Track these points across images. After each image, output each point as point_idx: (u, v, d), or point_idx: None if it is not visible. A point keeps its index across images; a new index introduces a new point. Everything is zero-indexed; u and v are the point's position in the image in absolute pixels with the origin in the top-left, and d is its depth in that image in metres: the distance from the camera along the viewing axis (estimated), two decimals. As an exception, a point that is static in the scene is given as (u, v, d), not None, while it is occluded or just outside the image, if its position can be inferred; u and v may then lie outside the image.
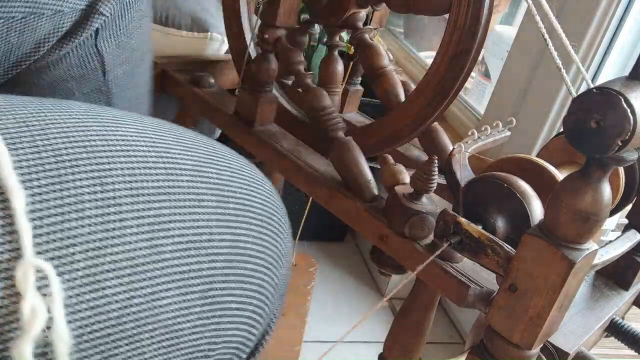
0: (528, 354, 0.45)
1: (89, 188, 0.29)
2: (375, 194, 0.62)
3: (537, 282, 0.42)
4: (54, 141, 0.29)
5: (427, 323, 0.62)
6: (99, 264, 0.28)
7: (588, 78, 0.59)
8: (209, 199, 0.34)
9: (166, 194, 0.32)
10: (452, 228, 0.47)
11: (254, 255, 0.36)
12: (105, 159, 0.30)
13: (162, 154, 0.34)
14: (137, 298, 0.29)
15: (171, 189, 0.32)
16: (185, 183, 0.33)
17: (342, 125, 0.65)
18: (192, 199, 0.33)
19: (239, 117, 0.75)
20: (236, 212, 0.36)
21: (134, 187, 0.31)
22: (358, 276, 1.49)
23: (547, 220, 0.41)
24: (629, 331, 0.57)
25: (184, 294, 0.32)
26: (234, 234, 0.35)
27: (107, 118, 0.34)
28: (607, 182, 0.40)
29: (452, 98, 0.62)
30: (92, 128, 0.32)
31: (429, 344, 0.65)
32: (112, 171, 0.30)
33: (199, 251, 0.33)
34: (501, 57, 1.27)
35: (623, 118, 0.35)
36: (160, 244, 0.31)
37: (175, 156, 0.34)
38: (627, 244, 0.56)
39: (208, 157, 0.37)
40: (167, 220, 0.31)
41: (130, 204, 0.30)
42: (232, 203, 0.36)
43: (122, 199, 0.30)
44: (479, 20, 0.58)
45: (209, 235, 0.33)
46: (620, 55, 1.02)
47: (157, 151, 0.34)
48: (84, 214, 0.28)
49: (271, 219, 0.39)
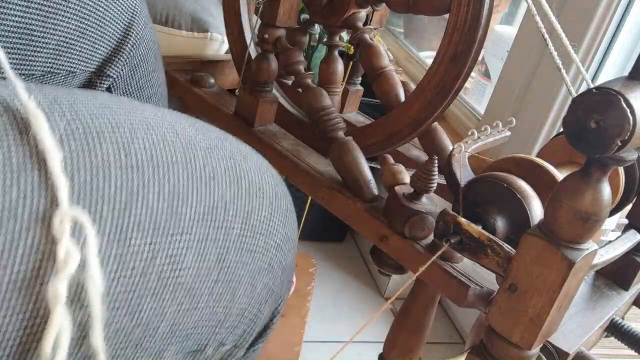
0: (528, 354, 0.45)
1: (115, 155, 0.32)
2: (375, 194, 0.62)
3: (537, 282, 0.42)
4: (81, 115, 0.32)
5: (427, 323, 0.62)
6: (124, 222, 0.30)
7: (588, 78, 0.59)
8: (223, 176, 0.37)
9: (184, 166, 0.35)
10: (452, 228, 0.47)
11: (264, 234, 0.39)
12: (128, 132, 0.33)
13: (179, 133, 0.36)
14: (160, 258, 0.32)
15: (188, 164, 0.35)
16: (201, 159, 0.36)
17: (342, 125, 0.65)
18: (207, 174, 0.36)
19: (239, 117, 0.75)
20: (249, 191, 0.38)
21: (154, 157, 0.33)
22: (358, 276, 1.49)
23: (547, 220, 0.41)
24: (629, 331, 0.57)
25: (201, 259, 0.34)
26: (246, 211, 0.37)
27: (128, 103, 0.38)
28: (607, 182, 0.40)
29: (452, 98, 0.62)
30: (115, 108, 0.35)
31: (429, 344, 0.65)
32: (134, 142, 0.33)
33: (214, 222, 0.35)
34: (501, 57, 1.27)
35: (622, 118, 0.35)
36: (180, 211, 0.33)
37: (191, 136, 0.37)
38: (627, 244, 0.56)
39: (220, 140, 0.40)
40: (185, 189, 0.34)
41: (152, 171, 0.33)
42: (244, 182, 0.38)
43: (144, 166, 0.33)
44: (479, 21, 0.58)
45: (224, 208, 0.36)
46: (620, 55, 1.02)
47: (174, 130, 0.36)
48: (111, 176, 0.31)
49: (280, 202, 0.41)
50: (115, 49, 0.54)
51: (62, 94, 0.34)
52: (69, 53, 0.50)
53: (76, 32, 0.50)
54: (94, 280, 0.28)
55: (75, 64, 0.51)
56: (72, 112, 0.32)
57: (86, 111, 0.33)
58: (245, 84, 0.76)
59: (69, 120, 0.32)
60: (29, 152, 0.29)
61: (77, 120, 0.32)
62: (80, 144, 0.31)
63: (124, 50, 0.54)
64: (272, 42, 0.71)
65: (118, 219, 0.30)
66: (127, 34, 0.54)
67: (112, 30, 0.53)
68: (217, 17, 1.00)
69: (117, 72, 0.54)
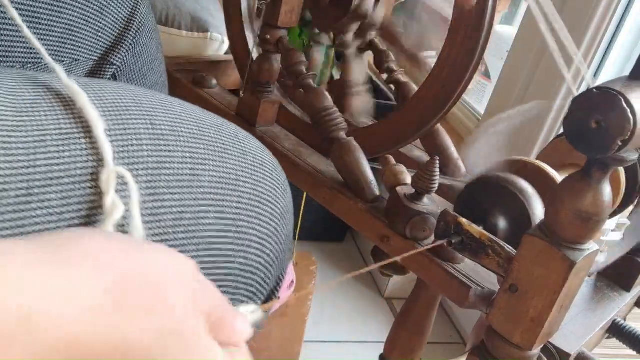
0: (529, 355, 0.45)
1: (143, 126, 0.36)
2: (377, 194, 0.62)
3: (538, 283, 0.42)
4: (110, 96, 0.37)
5: (429, 323, 0.62)
6: (156, 181, 0.35)
7: (589, 77, 0.59)
8: (232, 150, 0.42)
9: (200, 139, 0.39)
10: (453, 228, 0.47)
11: (269, 203, 0.43)
12: (150, 109, 0.38)
13: (190, 113, 0.41)
14: (187, 214, 0.36)
15: (202, 137, 0.40)
16: (213, 135, 0.41)
17: (344, 125, 0.65)
18: (219, 147, 0.41)
19: (241, 117, 0.75)
20: (254, 164, 0.43)
21: (174, 129, 0.38)
22: (358, 276, 1.48)
23: (548, 221, 0.41)
24: (631, 332, 0.57)
25: (220, 217, 0.39)
26: (254, 180, 0.42)
27: (144, 90, 0.42)
28: (607, 183, 0.40)
29: (455, 100, 0.62)
30: (135, 91, 0.40)
31: (429, 344, 0.65)
32: (157, 117, 0.38)
33: (229, 187, 0.40)
34: (501, 57, 1.27)
35: (623, 118, 0.35)
36: (200, 174, 0.38)
37: (201, 116, 0.42)
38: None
39: (224, 121, 0.45)
40: (203, 157, 0.39)
41: (174, 141, 0.38)
42: (250, 156, 0.43)
43: (167, 136, 0.37)
44: (482, 22, 0.58)
45: (236, 177, 0.40)
46: (620, 55, 1.02)
47: (186, 111, 0.41)
48: (142, 142, 0.36)
49: (280, 176, 0.46)
50: (118, 37, 0.56)
51: (88, 81, 0.39)
52: (73, 40, 0.52)
53: (80, 20, 0.52)
54: (137, 228, 0.32)
55: (79, 52, 0.53)
56: (103, 92, 0.37)
57: (113, 92, 0.38)
58: (247, 85, 0.77)
59: (101, 98, 0.36)
60: (75, 122, 0.34)
61: (107, 98, 0.37)
62: (113, 117, 0.35)
63: (127, 38, 0.57)
64: (274, 42, 0.71)
65: (151, 179, 0.35)
66: (130, 22, 0.57)
67: (114, 18, 0.55)
68: (217, 17, 1.00)
69: (120, 60, 0.57)
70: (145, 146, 0.36)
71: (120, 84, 0.41)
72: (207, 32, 0.96)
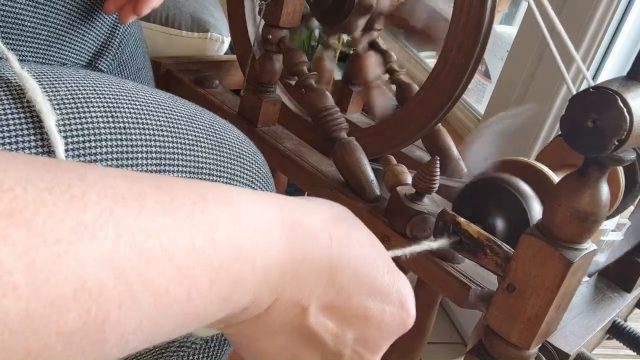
0: (526, 354, 0.45)
1: (103, 119, 0.34)
2: (377, 194, 0.62)
3: (535, 282, 0.42)
4: (68, 85, 0.34)
5: (429, 323, 0.62)
6: None
7: (589, 77, 0.59)
8: (205, 142, 0.39)
9: (168, 131, 0.37)
10: (451, 228, 0.47)
11: None
12: (113, 99, 0.35)
13: (160, 103, 0.38)
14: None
15: (172, 129, 0.37)
16: (184, 126, 0.38)
17: (345, 125, 0.66)
18: (190, 139, 0.38)
19: (243, 117, 0.75)
20: (230, 156, 0.40)
21: (140, 121, 0.35)
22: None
23: (545, 221, 0.42)
24: (631, 333, 0.57)
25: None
26: (229, 174, 0.39)
27: (109, 77, 0.39)
28: (605, 182, 0.40)
29: (455, 100, 0.62)
30: (98, 80, 0.37)
31: (429, 344, 0.65)
32: (120, 108, 0.35)
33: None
34: (501, 57, 1.27)
35: (619, 117, 0.35)
36: (167, 170, 0.35)
37: (172, 106, 0.39)
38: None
39: (199, 111, 0.42)
40: (171, 152, 0.36)
41: (139, 134, 0.35)
42: (225, 149, 0.40)
43: (131, 129, 0.34)
44: (482, 23, 0.58)
45: (208, 170, 0.38)
46: (620, 55, 1.02)
47: (156, 100, 0.38)
48: (101, 137, 0.33)
49: (260, 170, 0.43)
50: (104, 43, 0.56)
51: (47, 69, 0.36)
52: (59, 44, 0.52)
53: (65, 24, 0.52)
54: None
55: (65, 55, 0.53)
56: (60, 82, 0.34)
57: (72, 81, 0.35)
58: (249, 85, 0.77)
59: (57, 88, 0.34)
60: (24, 114, 0.31)
61: (64, 88, 0.34)
62: (70, 109, 0.33)
63: (113, 45, 0.56)
64: (276, 42, 0.71)
65: None
66: (115, 29, 0.56)
67: (99, 23, 0.55)
68: (217, 17, 1.00)
69: (106, 66, 0.56)
70: (105, 141, 0.33)
71: (84, 72, 0.39)
72: (207, 32, 0.96)
